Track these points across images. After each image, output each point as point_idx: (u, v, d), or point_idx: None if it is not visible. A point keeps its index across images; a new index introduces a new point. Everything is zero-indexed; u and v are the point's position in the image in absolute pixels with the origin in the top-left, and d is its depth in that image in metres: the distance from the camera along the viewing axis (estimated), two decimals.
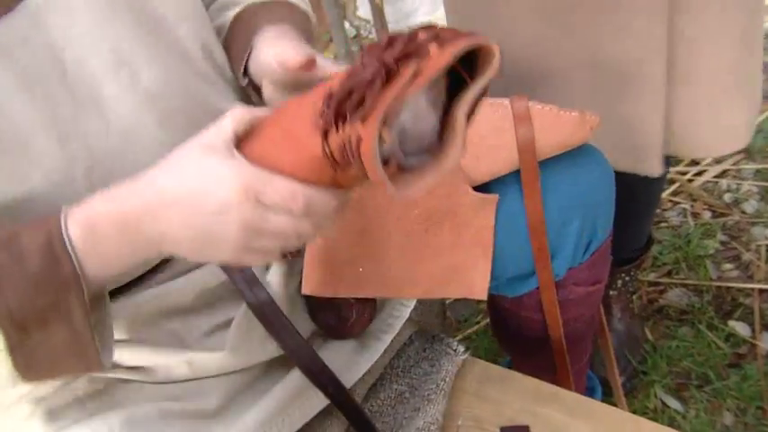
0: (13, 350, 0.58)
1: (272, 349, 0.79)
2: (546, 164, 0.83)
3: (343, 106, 0.48)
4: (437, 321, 1.07)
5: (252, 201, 0.55)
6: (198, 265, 0.78)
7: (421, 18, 2.33)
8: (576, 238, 0.88)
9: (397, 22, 2.33)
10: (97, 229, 0.57)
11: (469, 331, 1.53)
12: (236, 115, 0.57)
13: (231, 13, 0.83)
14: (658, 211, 1.70)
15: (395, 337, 0.89)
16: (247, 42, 0.77)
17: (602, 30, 1.02)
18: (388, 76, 0.46)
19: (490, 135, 0.81)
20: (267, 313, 0.76)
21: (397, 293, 0.85)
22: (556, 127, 0.81)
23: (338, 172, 0.52)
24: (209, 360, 0.75)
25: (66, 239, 0.56)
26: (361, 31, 2.36)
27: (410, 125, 0.50)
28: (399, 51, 0.46)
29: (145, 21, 0.70)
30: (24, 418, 0.70)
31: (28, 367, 0.59)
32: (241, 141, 0.57)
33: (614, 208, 0.91)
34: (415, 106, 0.50)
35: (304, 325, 0.85)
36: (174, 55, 0.72)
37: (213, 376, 0.76)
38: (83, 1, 0.65)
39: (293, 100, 0.57)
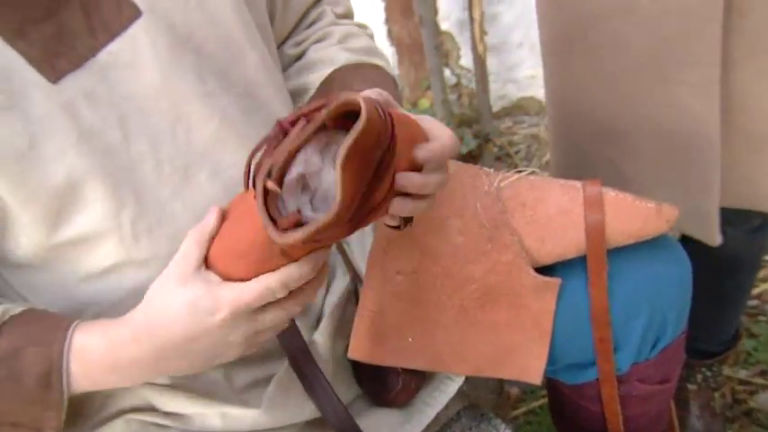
0: None
1: (309, 411, 0.78)
2: (616, 251, 0.79)
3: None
4: (491, 397, 1.03)
5: (243, 316, 0.60)
6: None
7: (524, 72, 2.31)
8: (643, 332, 0.82)
9: (499, 74, 2.32)
10: (96, 369, 0.64)
11: (534, 405, 1.46)
12: (196, 237, 0.62)
13: (318, 75, 0.84)
14: (757, 302, 1.58)
15: (441, 411, 0.86)
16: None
17: (658, 90, 0.98)
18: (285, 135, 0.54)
19: (558, 217, 0.78)
20: (307, 372, 0.76)
21: (445, 368, 0.82)
22: (629, 216, 0.77)
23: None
24: (243, 415, 0.75)
25: (65, 375, 0.63)
26: (462, 81, 2.36)
27: (311, 180, 0.54)
28: (293, 115, 0.55)
29: (206, 78, 0.71)
30: None
31: None
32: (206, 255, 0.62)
33: (689, 306, 0.85)
34: (306, 160, 0.54)
35: (348, 388, 0.84)
36: (233, 110, 0.73)
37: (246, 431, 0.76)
38: (148, 56, 0.67)
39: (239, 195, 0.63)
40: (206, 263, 0.61)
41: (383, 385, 0.83)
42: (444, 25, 2.25)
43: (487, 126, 2.26)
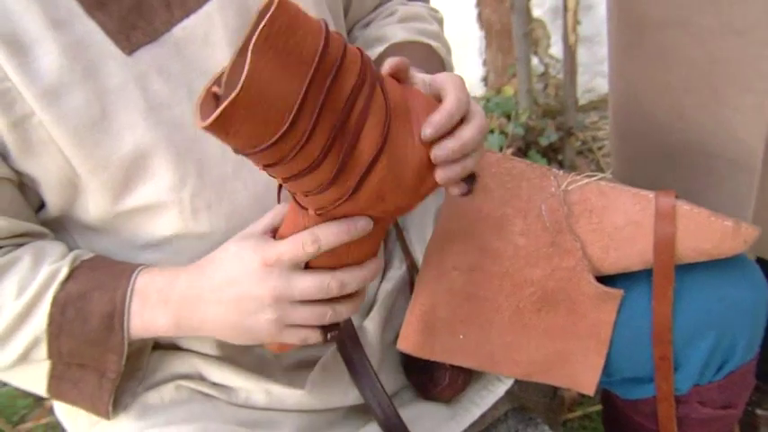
0: (52, 377, 0.70)
1: (353, 396, 0.78)
2: (685, 268, 0.75)
3: None
4: (544, 400, 1.01)
5: (276, 269, 0.63)
6: None
7: None
8: (708, 354, 0.78)
9: (589, 66, 2.23)
10: (149, 305, 0.67)
11: (591, 410, 1.42)
12: (276, 209, 0.66)
13: (374, 52, 0.84)
14: None
15: (487, 411, 0.85)
16: None
17: (707, 110, 0.92)
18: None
19: (626, 227, 0.75)
20: (354, 358, 0.76)
21: (494, 369, 0.81)
22: (703, 232, 0.72)
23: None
24: (287, 395, 0.76)
25: (126, 318, 0.67)
26: (550, 70, 2.29)
27: None
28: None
29: None
30: (119, 405, 0.75)
31: (55, 394, 0.71)
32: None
33: (763, 332, 0.80)
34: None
35: (395, 378, 0.84)
36: None
37: (289, 411, 0.77)
38: (221, 35, 0.68)
39: None
40: None
41: (430, 379, 0.83)
42: (537, 12, 2.18)
43: (571, 119, 2.18)
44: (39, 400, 1.72)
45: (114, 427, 0.74)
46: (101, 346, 0.67)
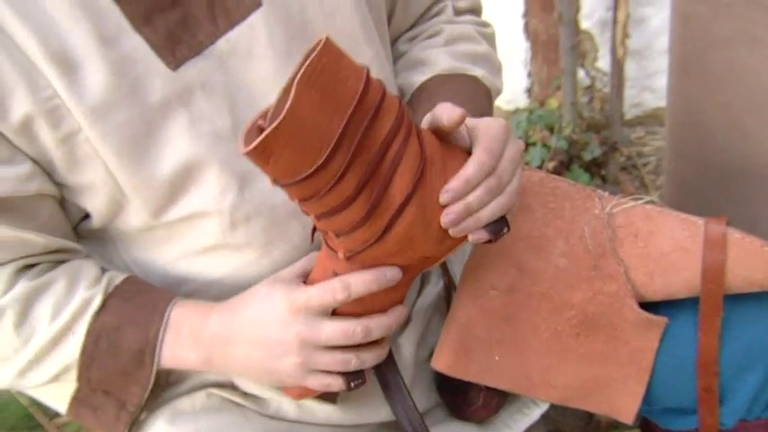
0: (74, 399, 0.71)
1: (385, 413, 0.77)
2: (735, 297, 0.72)
3: None
4: (580, 424, 0.98)
5: (303, 313, 0.64)
6: None
7: (665, 81, 2.16)
8: (756, 388, 0.75)
9: (637, 80, 2.19)
10: (180, 340, 0.68)
11: None
12: (309, 256, 0.68)
13: (417, 79, 0.82)
14: None
15: None
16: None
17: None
18: None
19: (672, 253, 0.72)
20: (387, 374, 0.75)
21: (530, 392, 0.79)
22: (755, 262, 0.70)
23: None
24: (318, 408, 0.75)
25: (157, 355, 0.68)
26: (596, 83, 2.25)
27: None
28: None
29: None
30: (153, 410, 0.75)
31: (74, 415, 0.72)
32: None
33: None
34: None
35: (427, 395, 0.83)
36: None
37: (319, 424, 0.76)
38: (264, 47, 0.68)
39: None
40: None
41: (463, 399, 0.81)
42: (585, 24, 2.14)
43: (617, 134, 2.14)
44: None
45: (147, 430, 0.74)
46: (128, 377, 0.69)
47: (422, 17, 0.91)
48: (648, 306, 0.75)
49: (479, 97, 0.81)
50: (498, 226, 0.63)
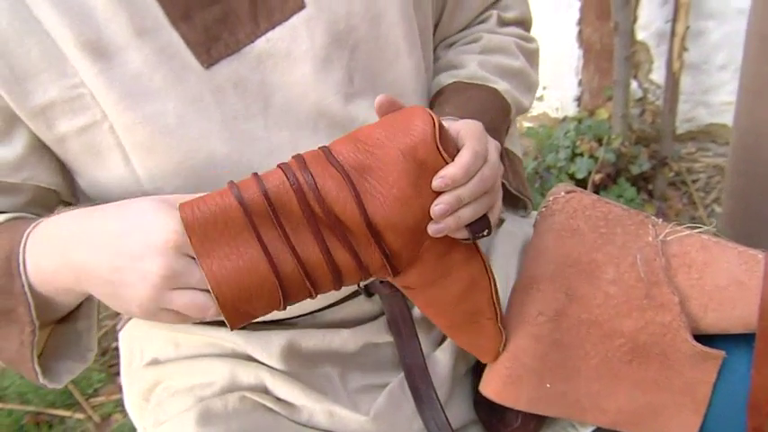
0: None
1: (417, 427, 0.76)
2: None
3: None
4: None
5: (174, 253, 0.55)
6: (367, 318, 0.78)
7: (721, 97, 2.10)
8: None
9: (692, 94, 2.13)
10: (40, 246, 0.61)
11: None
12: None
13: (442, 81, 0.81)
14: None
15: None
16: None
17: None
18: None
19: (729, 287, 0.69)
20: (421, 389, 0.74)
21: (580, 417, 0.76)
22: None
23: None
24: (350, 419, 0.75)
25: (21, 260, 0.61)
26: (649, 96, 2.19)
27: None
28: None
29: (354, 77, 0.70)
30: (183, 409, 0.75)
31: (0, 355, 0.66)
32: None
33: None
34: None
35: (463, 412, 0.82)
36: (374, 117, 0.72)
37: None
38: (304, 49, 0.67)
39: None
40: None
41: (500, 419, 0.80)
42: (641, 35, 2.09)
43: (667, 148, 2.09)
44: (112, 376, 1.78)
45: (177, 429, 0.74)
46: (8, 295, 0.62)
47: (467, 26, 0.89)
48: (702, 337, 0.72)
49: (493, 110, 0.79)
50: (480, 225, 0.62)
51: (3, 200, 0.68)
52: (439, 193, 0.58)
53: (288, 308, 0.60)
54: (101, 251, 0.57)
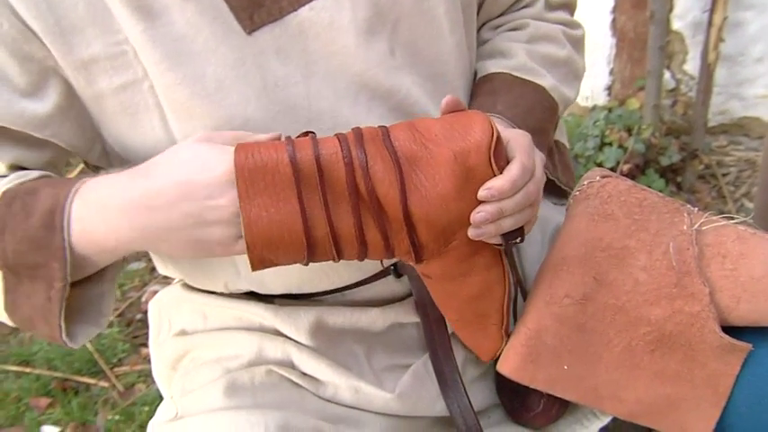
0: (6, 291, 0.65)
1: (440, 407, 0.77)
2: None
3: None
4: None
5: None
6: (395, 299, 0.78)
7: (755, 89, 2.07)
8: None
9: (726, 87, 2.10)
10: (88, 209, 0.62)
11: None
12: (241, 135, 0.63)
13: (490, 67, 0.81)
14: None
15: None
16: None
17: None
18: None
19: (764, 279, 0.69)
20: (445, 370, 0.75)
21: (597, 405, 0.76)
22: None
23: None
24: (374, 395, 0.75)
25: (66, 216, 0.62)
26: (681, 87, 2.16)
27: None
28: None
29: (397, 51, 0.70)
30: (210, 379, 0.76)
31: (13, 312, 0.67)
32: None
33: None
34: None
35: (486, 394, 0.82)
36: (416, 90, 0.72)
37: (375, 413, 0.76)
38: (347, 20, 0.67)
39: None
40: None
41: (522, 403, 0.80)
42: (676, 24, 2.06)
43: (698, 141, 2.06)
44: (136, 347, 1.81)
45: (204, 398, 0.75)
46: (43, 249, 0.62)
47: (511, 7, 0.88)
48: (730, 329, 0.72)
49: (541, 110, 0.79)
50: (514, 234, 0.64)
51: (28, 154, 0.69)
52: (481, 201, 0.60)
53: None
54: (171, 207, 0.59)
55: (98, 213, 0.62)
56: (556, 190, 0.90)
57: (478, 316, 0.72)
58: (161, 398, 0.85)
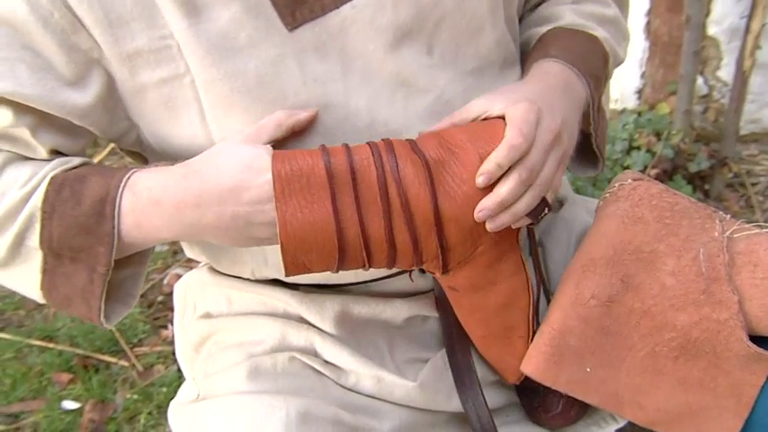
0: (44, 272, 0.67)
1: (456, 403, 0.77)
2: None
3: None
4: None
5: None
6: (419, 293, 0.78)
7: None
8: None
9: (761, 95, 2.07)
10: (140, 205, 0.64)
11: None
12: (281, 118, 0.65)
13: (539, 31, 0.81)
14: None
15: None
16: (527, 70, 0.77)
17: None
18: None
19: None
20: (461, 366, 0.75)
21: (617, 409, 0.76)
22: None
23: None
24: (397, 384, 0.75)
25: (118, 205, 0.64)
26: (714, 93, 2.13)
27: None
28: None
29: (435, 49, 0.70)
30: (233, 363, 0.77)
31: (49, 291, 0.68)
32: None
33: None
34: None
35: (503, 392, 0.82)
36: (453, 87, 0.72)
37: (394, 403, 0.76)
38: (388, 19, 0.67)
39: None
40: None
41: (541, 403, 0.80)
42: (712, 30, 2.03)
43: (728, 149, 2.03)
44: (156, 328, 1.83)
45: (226, 381, 0.76)
46: (91, 235, 0.64)
47: None
48: (758, 339, 0.71)
49: (594, 58, 0.79)
50: (538, 209, 0.65)
51: (67, 141, 0.70)
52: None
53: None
54: (222, 209, 0.62)
55: (151, 208, 0.64)
56: (587, 157, 0.87)
57: (505, 329, 0.74)
58: (179, 379, 0.86)
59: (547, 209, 0.66)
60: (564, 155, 0.68)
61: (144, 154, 0.77)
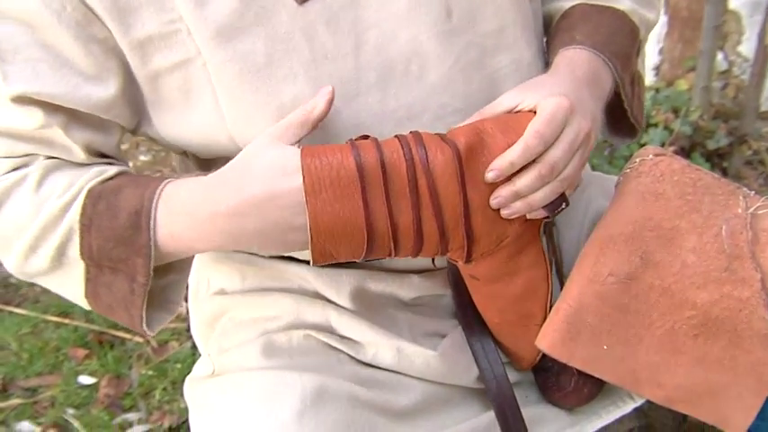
0: (87, 281, 0.67)
1: (474, 375, 0.77)
2: None
3: None
4: (672, 424, 0.94)
5: None
6: (433, 268, 0.78)
7: None
8: None
9: None
10: (175, 218, 0.64)
11: None
12: (302, 116, 0.63)
13: (563, 5, 0.80)
14: None
15: (611, 424, 0.81)
16: (553, 55, 0.76)
17: None
18: None
19: None
20: (478, 335, 0.75)
21: (635, 389, 0.75)
22: None
23: None
24: (417, 354, 0.75)
25: (153, 217, 0.64)
26: (734, 69, 2.10)
27: None
28: None
29: (453, 13, 0.69)
30: (248, 339, 0.77)
31: (94, 299, 0.69)
32: None
33: None
34: None
35: (520, 373, 0.81)
36: (472, 51, 0.70)
37: (413, 377, 0.76)
38: None
39: None
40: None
41: (555, 381, 0.79)
42: (733, 3, 1.99)
43: (748, 125, 2.00)
44: None
45: (241, 357, 0.76)
46: (128, 246, 0.65)
47: None
48: None
49: (622, 36, 0.78)
50: (556, 203, 0.65)
51: (98, 136, 0.69)
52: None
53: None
54: (261, 217, 0.61)
55: (186, 220, 0.64)
56: (622, 126, 0.85)
57: (521, 317, 0.74)
58: (193, 356, 0.86)
59: (564, 204, 0.66)
60: (588, 152, 0.68)
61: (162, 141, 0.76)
